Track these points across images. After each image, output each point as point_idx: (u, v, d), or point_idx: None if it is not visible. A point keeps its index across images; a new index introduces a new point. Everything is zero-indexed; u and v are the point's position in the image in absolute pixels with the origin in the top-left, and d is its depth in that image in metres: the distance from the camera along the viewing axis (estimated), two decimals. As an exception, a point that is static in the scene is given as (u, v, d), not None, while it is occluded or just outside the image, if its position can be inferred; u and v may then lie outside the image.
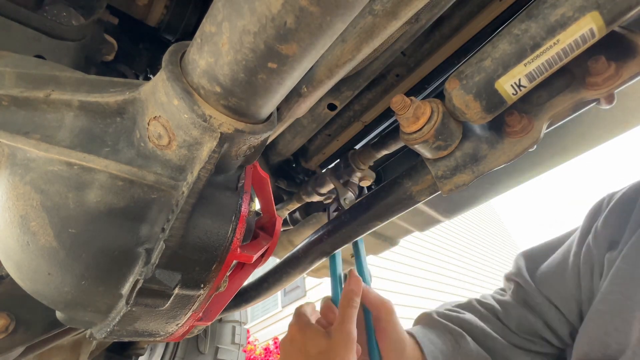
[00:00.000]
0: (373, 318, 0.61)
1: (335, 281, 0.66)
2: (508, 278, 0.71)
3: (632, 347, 0.46)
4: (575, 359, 0.54)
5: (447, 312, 0.69)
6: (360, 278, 0.61)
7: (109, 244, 0.33)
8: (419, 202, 0.57)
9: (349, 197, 0.75)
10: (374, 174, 0.74)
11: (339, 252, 0.70)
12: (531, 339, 0.63)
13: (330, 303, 0.64)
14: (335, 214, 0.80)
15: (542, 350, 0.63)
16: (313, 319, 0.59)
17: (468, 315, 0.67)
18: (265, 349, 5.09)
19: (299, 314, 0.60)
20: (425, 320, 0.69)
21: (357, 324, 0.55)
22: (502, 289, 0.74)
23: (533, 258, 0.68)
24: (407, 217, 0.96)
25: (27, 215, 0.32)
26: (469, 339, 0.63)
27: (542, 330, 0.62)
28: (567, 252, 0.63)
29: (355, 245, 0.71)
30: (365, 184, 0.75)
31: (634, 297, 0.48)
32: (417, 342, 0.62)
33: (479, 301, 0.72)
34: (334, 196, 0.80)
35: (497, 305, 0.68)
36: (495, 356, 0.62)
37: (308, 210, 1.01)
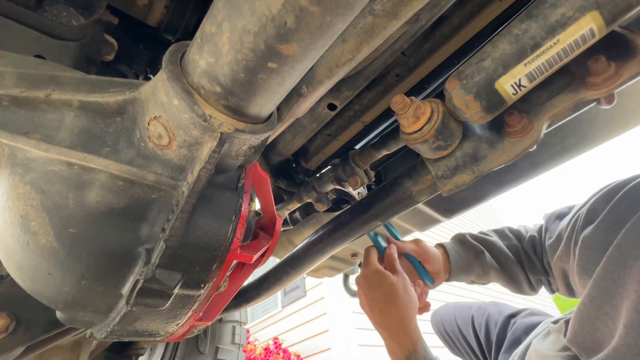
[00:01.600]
0: (415, 255, 0.87)
1: (379, 248, 0.87)
2: (544, 216, 0.90)
3: (619, 331, 0.49)
4: (568, 336, 0.60)
5: (477, 234, 0.95)
6: (393, 245, 0.85)
7: (109, 243, 0.33)
8: (419, 202, 0.57)
9: (362, 191, 0.83)
10: (365, 179, 0.75)
11: (375, 232, 0.89)
12: (534, 259, 0.86)
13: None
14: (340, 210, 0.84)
15: (535, 274, 0.86)
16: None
17: (493, 238, 0.92)
18: (265, 349, 5.09)
19: (370, 259, 0.79)
20: (458, 237, 0.96)
21: (406, 265, 0.85)
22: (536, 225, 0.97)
23: (558, 214, 0.85)
24: (407, 217, 0.96)
25: (28, 215, 0.32)
26: (487, 254, 0.89)
27: (539, 254, 0.86)
28: (569, 222, 0.74)
29: (386, 227, 0.92)
30: (355, 184, 0.77)
31: (626, 285, 0.50)
32: (446, 252, 0.89)
33: (510, 228, 0.97)
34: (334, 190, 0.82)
35: (523, 232, 0.93)
36: (505, 269, 0.88)
37: (308, 210, 1.01)
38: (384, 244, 0.88)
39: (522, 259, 0.89)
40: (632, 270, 0.50)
